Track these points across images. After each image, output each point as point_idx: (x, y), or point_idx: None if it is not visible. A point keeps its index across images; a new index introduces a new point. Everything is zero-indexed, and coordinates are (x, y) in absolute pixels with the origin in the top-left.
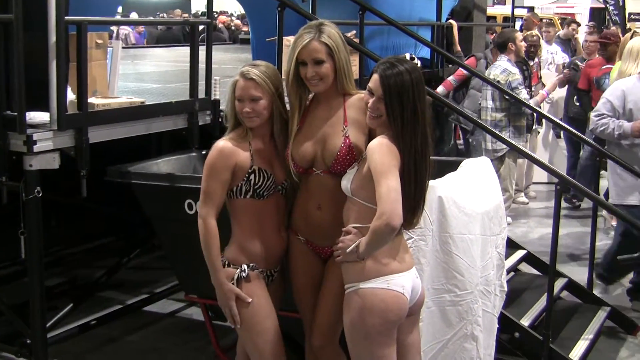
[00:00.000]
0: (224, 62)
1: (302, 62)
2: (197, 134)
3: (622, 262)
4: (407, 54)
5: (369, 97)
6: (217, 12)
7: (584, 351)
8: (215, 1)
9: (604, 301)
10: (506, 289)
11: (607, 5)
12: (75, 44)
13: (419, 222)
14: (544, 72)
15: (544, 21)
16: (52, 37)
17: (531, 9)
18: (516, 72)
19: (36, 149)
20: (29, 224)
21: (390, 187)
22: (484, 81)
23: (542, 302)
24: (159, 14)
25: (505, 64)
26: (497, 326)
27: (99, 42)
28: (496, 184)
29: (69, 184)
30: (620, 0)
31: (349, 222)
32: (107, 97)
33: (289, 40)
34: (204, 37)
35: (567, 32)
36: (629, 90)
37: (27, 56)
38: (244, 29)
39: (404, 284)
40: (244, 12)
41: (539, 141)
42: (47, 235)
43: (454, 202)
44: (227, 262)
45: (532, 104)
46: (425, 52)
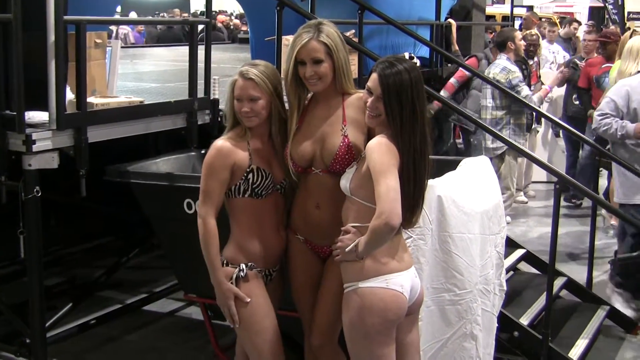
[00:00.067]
0: (223, 61)
1: (301, 61)
2: (196, 134)
3: (622, 261)
4: (406, 53)
5: (368, 97)
6: (215, 11)
7: (583, 350)
8: (214, 0)
9: (603, 300)
10: (505, 288)
11: (606, 4)
12: (74, 44)
13: (418, 221)
14: (543, 71)
15: (543, 20)
16: (51, 37)
17: (530, 8)
18: (516, 70)
19: (35, 148)
20: (28, 223)
21: (389, 186)
22: (485, 81)
23: (542, 301)
24: (157, 13)
25: (504, 63)
26: (497, 325)
27: (98, 41)
28: (495, 183)
29: (68, 183)
30: None
31: (348, 221)
32: (106, 96)
33: (288, 39)
34: (203, 36)
35: (568, 31)
36: (633, 89)
37: (26, 56)
38: (243, 28)
39: (403, 283)
40: (242, 11)
41: (539, 140)
42: (46, 234)
43: (453, 201)
44: (225, 262)
45: (535, 99)
46: (424, 52)
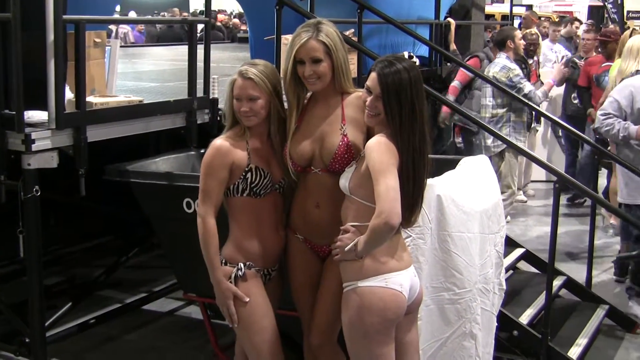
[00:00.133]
0: (223, 60)
1: (300, 60)
2: (196, 133)
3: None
4: (405, 52)
5: (367, 96)
6: (215, 10)
7: (582, 349)
8: (213, 0)
9: (603, 299)
10: (505, 287)
11: (606, 3)
12: (73, 43)
13: (417, 221)
14: (543, 71)
15: (543, 19)
16: (50, 36)
17: (529, 7)
18: (516, 68)
19: (34, 147)
20: (27, 223)
21: (388, 185)
22: (486, 81)
23: (541, 300)
24: (156, 12)
25: (503, 61)
26: (496, 324)
27: (97, 41)
28: (494, 182)
29: (68, 182)
30: None
31: (347, 220)
32: (105, 96)
33: (287, 38)
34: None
35: (569, 30)
36: (637, 90)
37: (25, 55)
38: (242, 27)
39: (402, 282)
40: (242, 10)
41: (538, 139)
42: (45, 234)
43: (453, 201)
44: (224, 261)
45: (539, 93)
46: (423, 51)
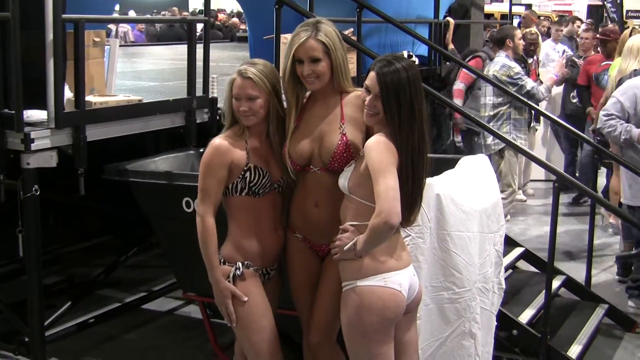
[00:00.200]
0: (222, 60)
1: (299, 60)
2: (195, 132)
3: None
4: (404, 52)
5: (366, 95)
6: (214, 10)
7: (581, 348)
8: None
9: (602, 298)
10: (504, 287)
11: (605, 2)
12: (72, 42)
13: (416, 220)
14: (543, 70)
15: (542, 18)
16: (50, 35)
17: (529, 7)
18: (516, 66)
19: (34, 147)
20: (26, 222)
21: (388, 185)
22: (487, 81)
23: (540, 299)
24: (155, 11)
25: (503, 60)
26: (495, 324)
27: (97, 40)
28: (494, 182)
29: (67, 182)
30: None
31: (347, 219)
32: (104, 95)
33: (286, 38)
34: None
35: (571, 29)
36: None
37: (25, 54)
38: (241, 26)
39: (401, 281)
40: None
41: (537, 138)
42: (45, 233)
43: (452, 200)
44: (223, 260)
45: (542, 89)
46: (423, 50)
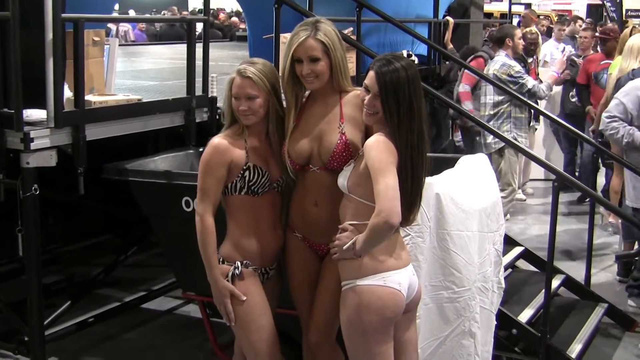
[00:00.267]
0: (221, 59)
1: (298, 59)
2: (194, 131)
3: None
4: (404, 51)
5: (365, 94)
6: (214, 9)
7: (581, 348)
8: None
9: (602, 298)
10: (504, 286)
11: (605, 1)
12: (72, 42)
13: (415, 219)
14: (542, 69)
15: (542, 18)
16: (49, 35)
17: (528, 6)
18: (516, 65)
19: (33, 146)
20: (26, 221)
21: (388, 184)
22: (487, 81)
23: (540, 298)
24: (154, 10)
25: (503, 59)
26: (495, 323)
27: (96, 39)
28: (493, 181)
29: (66, 181)
30: None
31: (346, 219)
32: (104, 94)
33: (286, 37)
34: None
35: (572, 29)
36: None
37: (24, 54)
38: (241, 26)
39: (400, 280)
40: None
41: (537, 137)
42: (44, 232)
43: (452, 199)
44: (222, 259)
45: (543, 87)
46: (422, 49)
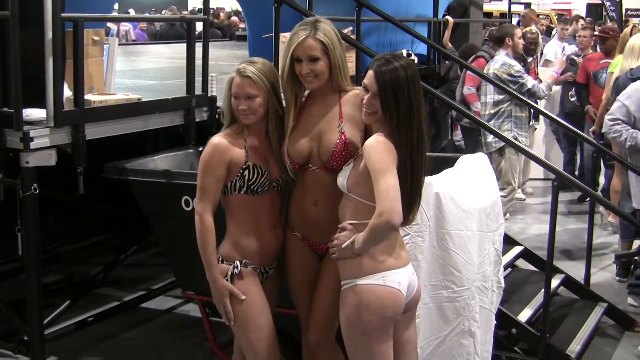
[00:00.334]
0: (221, 58)
1: (297, 59)
2: (194, 131)
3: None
4: (403, 50)
5: (365, 94)
6: (214, 8)
7: (581, 347)
8: None
9: (601, 297)
10: (503, 285)
11: (604, 1)
12: (71, 41)
13: (415, 218)
14: (542, 69)
15: (541, 17)
16: (49, 34)
17: (528, 5)
18: (516, 64)
19: (33, 145)
20: (25, 221)
21: (389, 185)
22: (487, 81)
23: (539, 298)
24: (153, 10)
25: (503, 58)
26: (495, 322)
27: (96, 39)
28: (493, 180)
29: (66, 180)
30: None
31: (345, 218)
32: (103, 93)
33: (285, 36)
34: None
35: (574, 28)
36: None
37: (24, 53)
38: (241, 25)
39: (400, 280)
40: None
41: (536, 137)
42: (44, 232)
43: (451, 199)
44: (221, 258)
45: (543, 87)
46: (422, 49)
